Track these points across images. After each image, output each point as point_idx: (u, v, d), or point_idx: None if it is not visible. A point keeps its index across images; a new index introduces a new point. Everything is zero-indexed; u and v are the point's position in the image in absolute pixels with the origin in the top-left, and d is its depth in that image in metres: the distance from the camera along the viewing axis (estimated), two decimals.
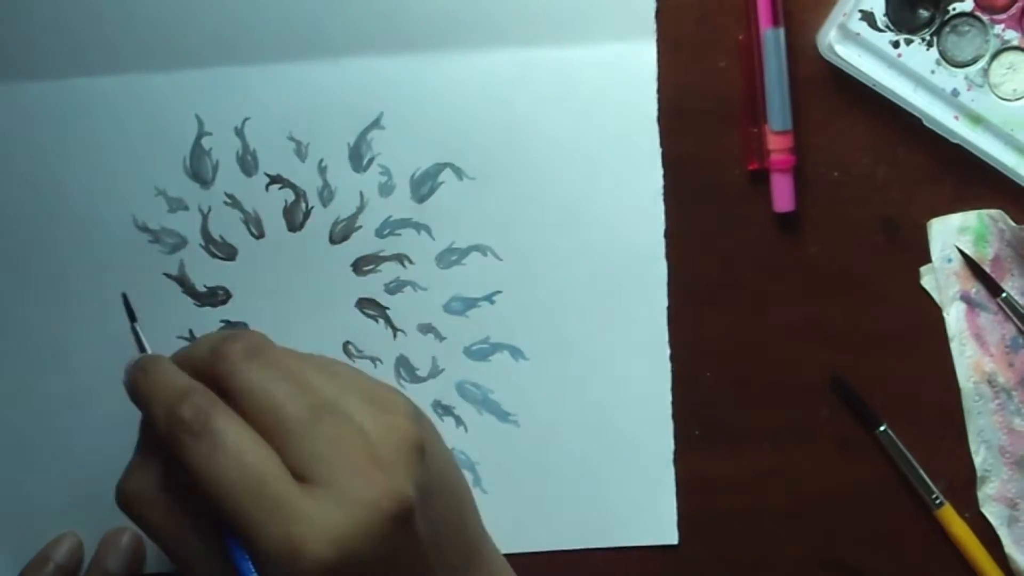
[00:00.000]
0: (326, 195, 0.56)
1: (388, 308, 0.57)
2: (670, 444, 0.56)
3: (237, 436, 0.41)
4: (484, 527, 0.53)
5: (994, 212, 0.56)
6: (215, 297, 0.56)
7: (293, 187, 0.56)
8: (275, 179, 0.56)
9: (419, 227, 0.56)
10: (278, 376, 0.42)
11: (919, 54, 0.54)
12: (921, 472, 0.56)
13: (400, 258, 0.56)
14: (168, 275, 0.56)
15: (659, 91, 0.56)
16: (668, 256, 0.56)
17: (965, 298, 0.56)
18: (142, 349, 0.49)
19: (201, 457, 0.41)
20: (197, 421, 0.41)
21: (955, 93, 0.54)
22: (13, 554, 0.56)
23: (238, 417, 0.41)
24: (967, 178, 0.56)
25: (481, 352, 0.56)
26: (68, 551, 0.56)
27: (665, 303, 0.56)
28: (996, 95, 0.54)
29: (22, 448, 0.56)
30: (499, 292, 0.56)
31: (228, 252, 0.56)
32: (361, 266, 0.56)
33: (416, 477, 0.42)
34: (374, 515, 0.41)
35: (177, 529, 0.42)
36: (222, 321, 0.56)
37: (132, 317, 0.52)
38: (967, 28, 0.54)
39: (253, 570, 0.41)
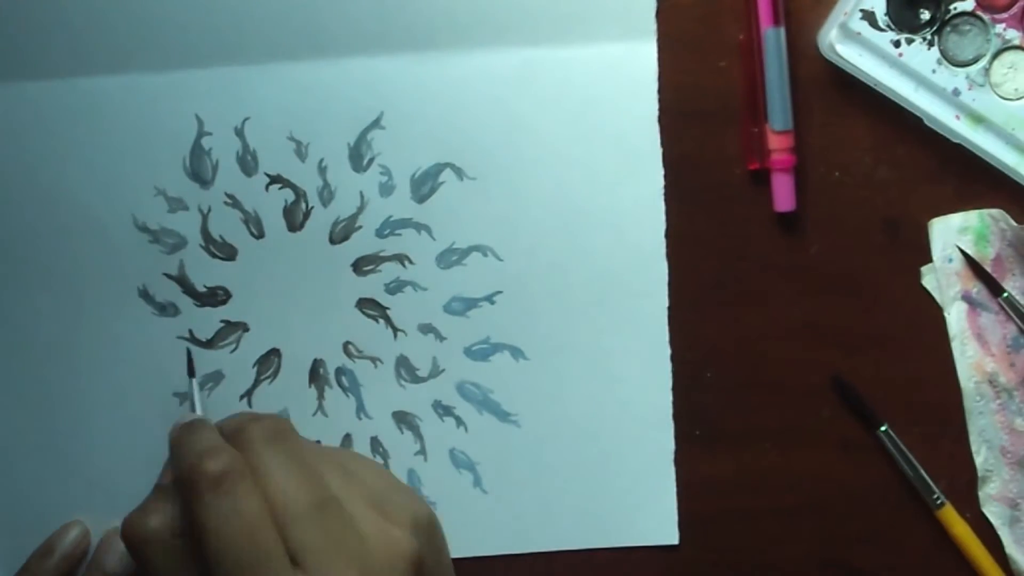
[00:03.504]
0: (326, 195, 0.56)
1: (388, 308, 0.56)
2: (671, 444, 0.56)
3: (255, 507, 0.41)
4: None
5: (995, 212, 0.56)
6: (215, 297, 0.56)
7: (293, 187, 0.56)
8: (275, 179, 0.56)
9: (419, 227, 0.56)
10: (292, 463, 0.43)
11: (920, 53, 0.54)
12: (922, 472, 0.56)
13: (400, 258, 0.56)
14: (168, 275, 0.56)
15: (660, 91, 0.56)
16: (669, 256, 0.56)
17: (966, 298, 0.56)
18: (193, 407, 0.54)
19: (216, 515, 0.41)
20: (221, 479, 0.41)
21: (956, 92, 0.54)
22: (13, 552, 0.56)
23: (259, 491, 0.42)
24: (968, 178, 0.56)
25: (482, 352, 0.56)
26: (73, 541, 0.56)
27: (665, 303, 0.56)
28: (997, 94, 0.54)
29: (22, 446, 0.56)
30: (499, 292, 0.56)
31: (228, 252, 0.56)
32: (361, 266, 0.56)
33: None
34: None
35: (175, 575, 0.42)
36: (222, 321, 0.56)
37: (191, 373, 0.55)
38: (968, 27, 0.54)
39: None
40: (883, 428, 0.56)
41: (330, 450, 0.47)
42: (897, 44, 0.54)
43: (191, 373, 0.55)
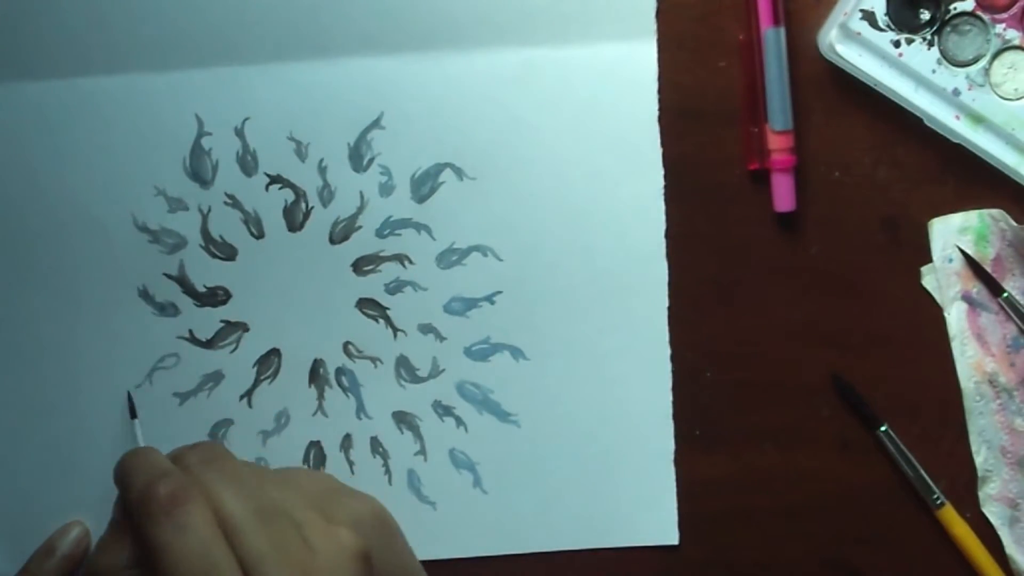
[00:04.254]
0: (326, 195, 0.56)
1: (388, 308, 0.56)
2: (670, 444, 0.56)
3: (205, 525, 0.42)
4: None
5: (995, 212, 0.56)
6: (215, 297, 0.56)
7: (293, 187, 0.56)
8: (275, 179, 0.56)
9: (419, 227, 0.56)
10: (230, 479, 0.44)
11: (920, 53, 0.54)
12: (922, 472, 0.56)
13: (400, 258, 0.56)
14: (168, 275, 0.56)
15: (660, 91, 0.56)
16: (668, 256, 0.56)
17: (966, 298, 0.56)
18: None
19: (166, 534, 0.42)
20: (173, 500, 0.42)
21: (956, 93, 0.54)
22: (13, 550, 0.56)
23: (210, 509, 0.43)
24: (968, 178, 0.56)
25: (481, 352, 0.56)
26: (74, 540, 0.56)
27: (665, 303, 0.56)
28: (997, 95, 0.54)
29: (22, 446, 0.56)
30: (499, 292, 0.56)
31: (228, 252, 0.56)
32: (361, 266, 0.56)
33: None
34: None
35: None
36: (222, 321, 0.56)
37: (133, 414, 0.55)
38: (968, 27, 0.54)
39: None
40: (883, 428, 0.56)
41: (268, 469, 0.49)
42: (897, 44, 0.54)
43: (133, 415, 0.56)
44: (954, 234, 0.56)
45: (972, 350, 0.56)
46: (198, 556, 0.41)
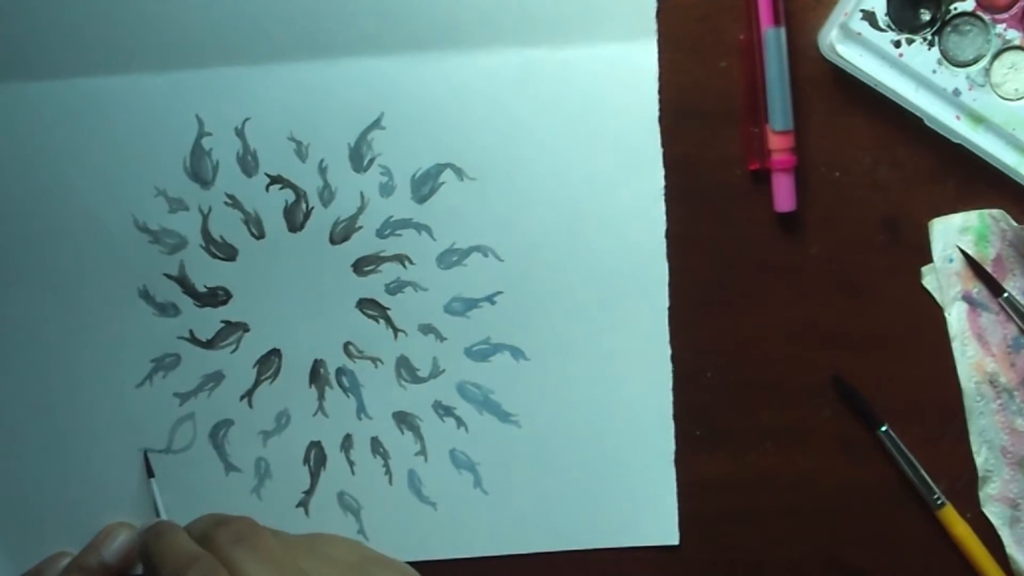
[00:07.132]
0: (326, 195, 0.56)
1: (389, 308, 0.57)
2: (671, 445, 0.56)
3: None
4: None
5: (996, 212, 0.56)
6: (215, 298, 0.56)
7: (293, 187, 0.56)
8: (275, 179, 0.56)
9: (420, 227, 0.56)
10: (263, 559, 0.44)
11: (920, 54, 0.54)
12: (922, 472, 0.56)
13: (401, 258, 0.56)
14: (168, 275, 0.56)
15: (660, 91, 0.56)
16: (669, 256, 0.56)
17: (967, 298, 0.56)
18: (157, 512, 0.54)
19: None
20: None
21: (956, 93, 0.54)
22: (12, 551, 0.56)
23: None
24: (968, 178, 0.56)
25: (482, 353, 0.56)
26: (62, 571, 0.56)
27: (666, 303, 0.56)
28: (998, 95, 0.54)
29: (23, 446, 0.56)
30: (500, 293, 0.56)
31: (228, 252, 0.56)
32: (362, 266, 0.56)
33: None
34: None
35: None
36: (222, 322, 0.56)
37: (150, 474, 0.55)
38: (969, 28, 0.54)
39: None
40: (883, 428, 0.56)
41: (299, 538, 0.49)
42: (897, 44, 0.54)
43: (150, 474, 0.56)
44: (954, 234, 0.56)
45: (973, 350, 0.56)
46: None
